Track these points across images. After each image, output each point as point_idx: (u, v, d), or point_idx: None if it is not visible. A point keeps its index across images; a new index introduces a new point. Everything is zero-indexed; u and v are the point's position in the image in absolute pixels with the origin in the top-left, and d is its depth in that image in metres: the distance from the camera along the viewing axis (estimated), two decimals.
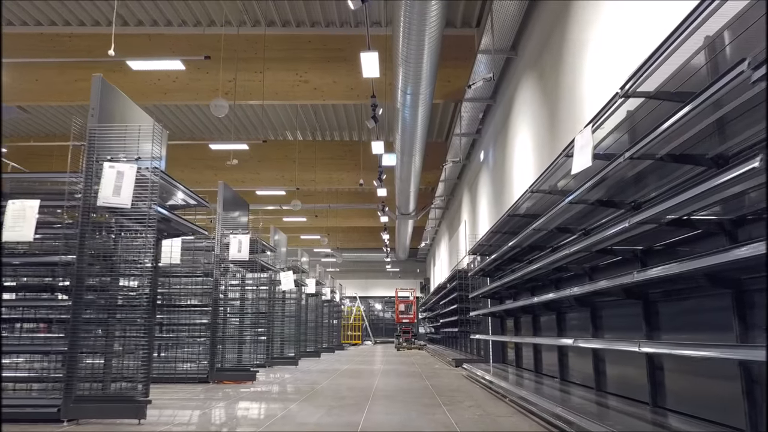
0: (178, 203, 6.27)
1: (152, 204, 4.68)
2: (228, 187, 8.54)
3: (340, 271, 34.51)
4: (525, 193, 5.69)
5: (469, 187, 14.98)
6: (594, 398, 4.65)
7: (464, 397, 6.18)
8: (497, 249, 8.16)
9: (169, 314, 8.46)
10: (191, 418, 4.64)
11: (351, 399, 6.02)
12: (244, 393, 6.58)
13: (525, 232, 5.88)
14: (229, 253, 8.10)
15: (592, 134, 3.65)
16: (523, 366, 8.32)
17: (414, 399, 6.02)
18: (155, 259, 6.01)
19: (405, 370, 10.32)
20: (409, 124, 11.08)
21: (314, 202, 21.65)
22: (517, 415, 4.87)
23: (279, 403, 5.72)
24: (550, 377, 6.65)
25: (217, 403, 5.59)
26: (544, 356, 7.19)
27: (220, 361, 8.17)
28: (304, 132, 17.67)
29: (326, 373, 9.67)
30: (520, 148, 8.98)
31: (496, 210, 10.89)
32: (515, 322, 8.57)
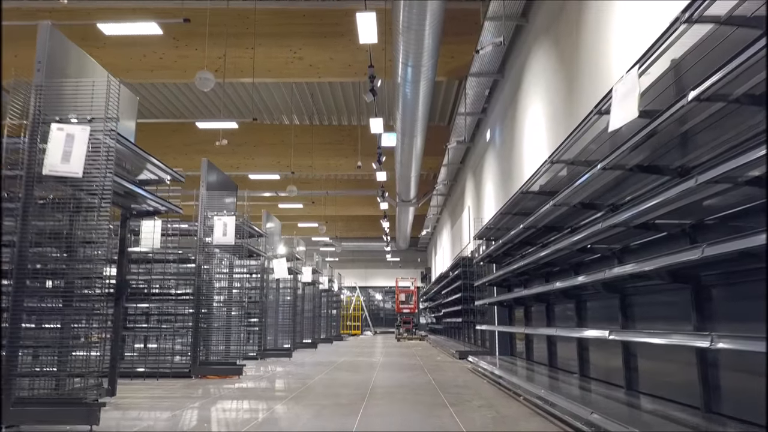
0: (150, 178, 5.57)
1: (108, 173, 3.97)
2: (213, 165, 7.83)
3: (339, 261, 33.84)
4: (543, 164, 4.98)
5: (473, 171, 14.26)
6: (630, 400, 3.97)
7: (472, 395, 5.50)
8: (506, 233, 7.47)
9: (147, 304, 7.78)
10: (155, 424, 3.96)
11: (345, 397, 5.34)
12: (227, 390, 5.91)
13: (541, 209, 5.17)
14: (213, 236, 7.40)
15: (639, 78, 2.93)
16: (534, 359, 7.64)
17: (416, 397, 5.35)
18: (123, 241, 5.34)
19: (406, 363, 9.66)
20: (410, 102, 10.35)
21: (311, 189, 20.94)
22: (536, 418, 4.19)
23: (263, 402, 5.04)
24: (567, 372, 5.97)
25: (192, 404, 4.91)
26: (560, 349, 6.50)
27: (204, 354, 7.51)
28: (300, 115, 16.93)
29: (321, 366, 9.01)
30: (531, 124, 8.26)
31: (503, 193, 10.18)
32: (526, 312, 7.89)
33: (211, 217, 7.48)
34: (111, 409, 4.57)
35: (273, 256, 10.91)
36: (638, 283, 4.27)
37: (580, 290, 5.46)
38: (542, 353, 7.11)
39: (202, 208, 7.49)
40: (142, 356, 7.93)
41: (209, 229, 7.47)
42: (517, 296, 6.92)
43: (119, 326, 5.21)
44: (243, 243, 7.56)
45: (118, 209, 5.42)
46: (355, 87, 14.41)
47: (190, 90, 14.32)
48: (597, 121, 4.04)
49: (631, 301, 4.50)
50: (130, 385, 6.17)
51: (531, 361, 7.71)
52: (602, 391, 4.48)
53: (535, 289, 5.86)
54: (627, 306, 4.52)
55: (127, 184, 4.67)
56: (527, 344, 7.86)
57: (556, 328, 4.92)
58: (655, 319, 4.15)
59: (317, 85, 14.31)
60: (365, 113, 16.51)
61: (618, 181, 4.35)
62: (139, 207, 5.39)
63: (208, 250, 7.48)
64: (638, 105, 2.87)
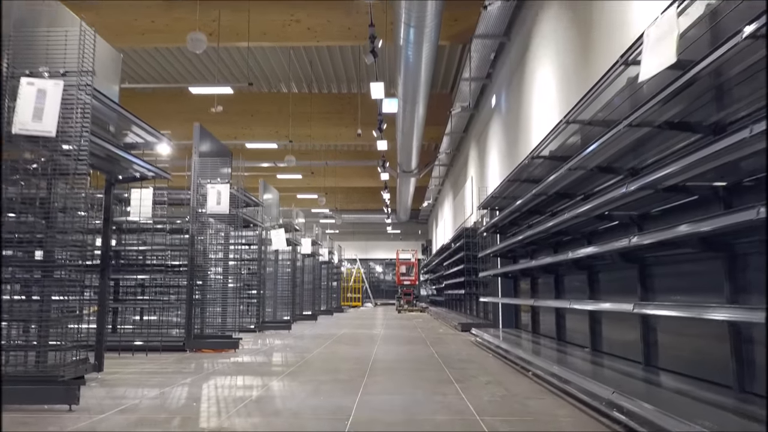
0: (136, 142, 5.23)
1: (84, 132, 3.63)
2: (206, 131, 7.46)
3: (339, 233, 33.60)
4: (558, 125, 4.63)
5: (477, 139, 13.87)
6: (651, 377, 3.69)
7: (477, 370, 5.25)
8: (512, 202, 7.15)
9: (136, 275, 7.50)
10: (141, 402, 3.69)
11: (344, 373, 5.08)
12: (221, 365, 5.65)
13: (554, 174, 4.84)
14: (207, 205, 7.08)
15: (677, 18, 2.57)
16: (540, 332, 7.39)
17: (419, 373, 5.09)
18: (107, 209, 5.02)
19: (407, 335, 9.44)
20: (413, 66, 9.92)
21: (311, 160, 20.55)
22: (549, 396, 3.92)
23: (258, 378, 4.79)
24: (577, 346, 5.71)
25: (183, 380, 4.65)
26: (569, 322, 6.24)
27: (199, 327, 7.25)
28: (298, 83, 16.45)
29: (320, 338, 8.78)
30: (540, 88, 7.86)
31: (509, 161, 9.82)
32: (532, 283, 7.61)
33: (204, 185, 7.14)
34: (96, 386, 4.31)
35: (271, 227, 10.61)
36: (660, 253, 3.97)
37: (593, 261, 5.16)
38: (549, 326, 6.85)
39: (195, 175, 7.15)
40: (136, 329, 7.68)
41: (203, 197, 7.15)
42: (524, 267, 6.63)
43: (105, 298, 4.93)
44: (238, 212, 7.24)
45: (102, 175, 5.09)
46: (354, 53, 13.92)
47: (184, 56, 13.85)
48: (621, 73, 3.67)
49: (651, 272, 4.19)
50: (121, 360, 5.92)
51: (537, 334, 7.46)
52: (618, 367, 4.21)
53: (544, 260, 5.56)
54: (646, 277, 4.22)
55: (108, 145, 4.33)
56: (533, 317, 7.60)
57: (569, 301, 4.63)
58: (677, 291, 3.86)
59: (315, 51, 13.82)
60: (365, 80, 16.01)
61: (638, 144, 4.02)
62: (124, 172, 5.06)
63: (202, 220, 7.17)
64: (677, 48, 2.51)
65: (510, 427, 3.06)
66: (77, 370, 4.26)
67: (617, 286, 4.90)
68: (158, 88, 16.11)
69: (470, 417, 3.27)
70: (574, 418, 3.23)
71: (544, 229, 5.37)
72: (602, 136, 3.78)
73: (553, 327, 6.55)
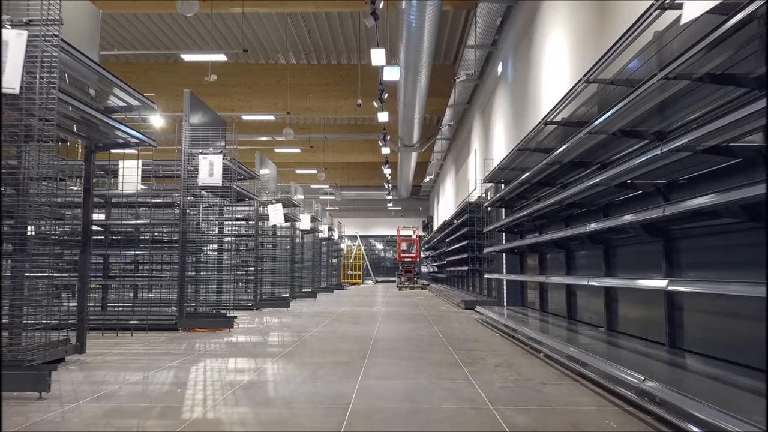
0: (116, 105, 4.84)
1: (50, 88, 3.24)
2: (198, 99, 7.05)
3: (339, 210, 33.24)
4: (577, 85, 4.22)
5: (481, 111, 13.42)
6: (680, 361, 3.36)
7: (485, 351, 4.93)
8: (520, 174, 6.77)
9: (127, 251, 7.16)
10: (120, 388, 3.37)
11: (344, 354, 4.76)
12: (213, 345, 5.34)
13: (567, 144, 4.45)
14: (199, 177, 6.71)
15: None
16: (548, 310, 7.08)
17: (423, 354, 4.77)
18: (87, 179, 4.66)
19: (409, 313, 9.14)
20: (415, 31, 9.45)
21: (309, 133, 20.09)
22: (566, 381, 3.60)
23: (252, 360, 4.47)
24: (590, 326, 5.39)
25: (171, 362, 4.33)
26: (581, 300, 5.91)
27: (194, 305, 6.94)
28: (297, 54, 15.94)
29: (319, 317, 8.48)
30: (551, 53, 7.42)
31: (516, 132, 9.41)
32: (540, 259, 7.27)
33: (195, 156, 6.76)
34: (76, 369, 4.00)
35: (268, 201, 10.25)
36: (687, 225, 3.61)
37: (611, 235, 4.81)
38: (559, 304, 6.53)
39: (186, 145, 6.76)
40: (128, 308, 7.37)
41: (194, 169, 6.77)
42: (533, 242, 6.27)
43: (86, 274, 4.59)
44: (232, 185, 6.86)
45: (82, 141, 4.72)
46: (354, 20, 13.40)
47: (177, 23, 13.32)
48: (649, 25, 3.27)
49: (678, 245, 3.84)
50: (108, 340, 5.61)
51: (545, 312, 7.14)
52: (640, 348, 3.88)
53: (558, 233, 5.20)
54: (673, 252, 3.87)
55: (84, 107, 3.95)
56: (541, 294, 7.28)
57: (587, 278, 4.28)
58: (707, 267, 3.51)
59: (314, 18, 13.29)
60: (366, 51, 15.49)
61: (665, 105, 3.63)
62: (105, 139, 4.68)
63: (194, 193, 6.80)
64: None
65: (529, 418, 2.74)
66: (54, 353, 3.95)
67: (636, 261, 4.56)
68: (150, 56, 15.57)
69: (482, 406, 2.95)
70: (599, 408, 2.90)
71: (558, 201, 5.00)
72: (628, 96, 3.39)
73: (564, 305, 6.23)
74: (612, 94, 4.27)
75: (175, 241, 6.78)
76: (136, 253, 7.30)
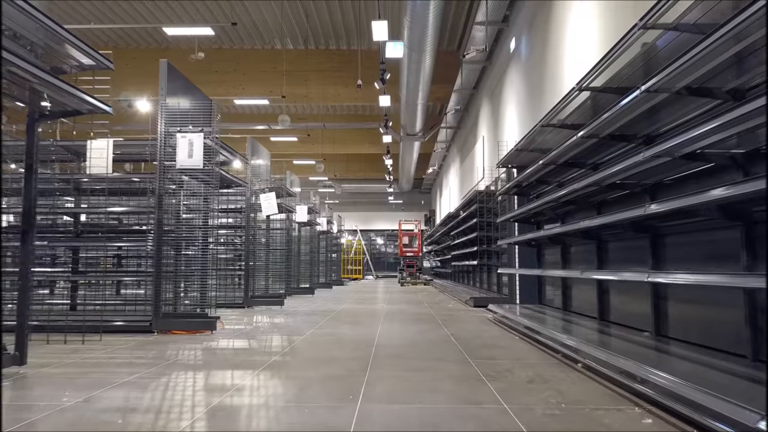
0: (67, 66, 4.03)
1: None
2: (175, 69, 6.23)
3: (339, 204, 32.42)
4: (630, 33, 3.39)
5: (490, 95, 12.58)
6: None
7: (509, 359, 4.13)
8: (539, 156, 5.98)
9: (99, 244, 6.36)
10: (48, 417, 2.57)
11: (341, 365, 3.97)
12: (188, 353, 4.54)
13: (620, 103, 3.63)
14: (177, 158, 5.90)
15: None
16: (573, 309, 6.27)
17: (436, 365, 3.97)
18: (30, 152, 3.86)
19: (414, 312, 8.34)
20: (421, 5, 8.65)
21: (307, 122, 19.27)
22: (625, 405, 2.80)
23: (228, 373, 3.67)
24: (629, 329, 4.59)
25: (129, 376, 3.53)
26: (615, 298, 5.10)
27: (173, 303, 6.14)
28: (294, 39, 15.12)
29: (315, 316, 7.68)
30: (574, 23, 6.59)
31: (531, 113, 8.59)
32: (563, 252, 6.46)
33: (173, 135, 5.94)
34: (7, 387, 3.19)
35: (260, 190, 9.43)
36: None
37: (660, 221, 4.01)
38: (587, 303, 5.73)
39: (162, 122, 5.95)
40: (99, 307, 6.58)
41: (172, 150, 5.96)
42: (557, 232, 5.46)
43: (28, 269, 3.78)
44: (213, 167, 6.03)
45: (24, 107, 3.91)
46: (354, 3, 12.56)
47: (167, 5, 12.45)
48: None
49: (760, 232, 3.03)
50: (71, 345, 4.80)
51: (568, 311, 6.34)
52: (721, 364, 3.07)
53: (593, 221, 4.38)
54: (755, 239, 3.06)
55: (19, 62, 3.14)
56: (564, 291, 6.47)
57: (647, 273, 3.45)
58: None
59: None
60: (366, 35, 14.67)
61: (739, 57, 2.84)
62: (52, 105, 3.87)
63: (171, 177, 5.99)
64: None
65: None
66: None
67: (699, 252, 3.75)
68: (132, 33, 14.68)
69: None
70: None
71: (596, 181, 4.19)
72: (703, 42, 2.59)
73: (594, 304, 5.42)
74: (667, 51, 3.46)
75: (148, 232, 5.98)
76: (109, 245, 6.49)
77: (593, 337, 4.34)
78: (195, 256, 6.11)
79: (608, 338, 4.26)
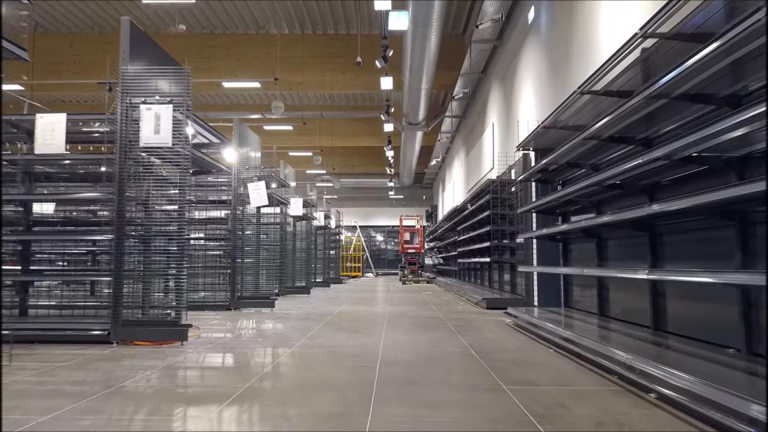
0: None
1: None
2: (139, 29, 5.25)
3: (338, 199, 31.40)
4: None
5: (501, 77, 11.59)
6: None
7: (557, 387, 3.17)
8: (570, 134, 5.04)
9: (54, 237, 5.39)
10: None
11: (334, 397, 3.00)
12: (141, 374, 3.57)
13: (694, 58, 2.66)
14: (141, 134, 4.92)
15: None
16: (611, 314, 5.31)
17: (462, 397, 3.01)
18: None
19: (420, 316, 7.38)
20: None
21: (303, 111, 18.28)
22: None
23: (181, 410, 2.71)
24: (702, 343, 3.62)
25: (46, 413, 2.56)
26: (676, 304, 4.13)
27: (140, 306, 5.17)
28: (290, 23, 14.13)
29: (309, 320, 6.71)
30: None
31: (553, 90, 7.62)
32: (599, 247, 5.49)
33: (137, 107, 4.97)
34: None
35: (248, 179, 8.46)
36: None
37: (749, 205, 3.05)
38: (633, 308, 4.77)
39: (122, 92, 4.97)
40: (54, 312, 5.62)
41: (137, 125, 4.98)
42: (600, 222, 4.49)
43: None
44: (187, 147, 5.04)
45: None
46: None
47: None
48: None
49: None
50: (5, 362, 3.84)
51: (606, 316, 5.38)
52: None
53: (654, 207, 3.40)
54: None
55: None
56: (601, 293, 5.50)
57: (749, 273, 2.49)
58: None
59: None
60: (366, 18, 13.69)
61: None
62: None
63: (133, 157, 5.01)
64: None
65: None
66: None
67: None
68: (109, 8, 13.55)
69: None
70: None
71: (669, 153, 3.21)
72: None
73: (645, 310, 4.45)
74: None
75: (105, 223, 5.00)
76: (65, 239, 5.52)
77: (661, 354, 3.38)
78: (165, 253, 5.14)
79: (680, 356, 3.30)
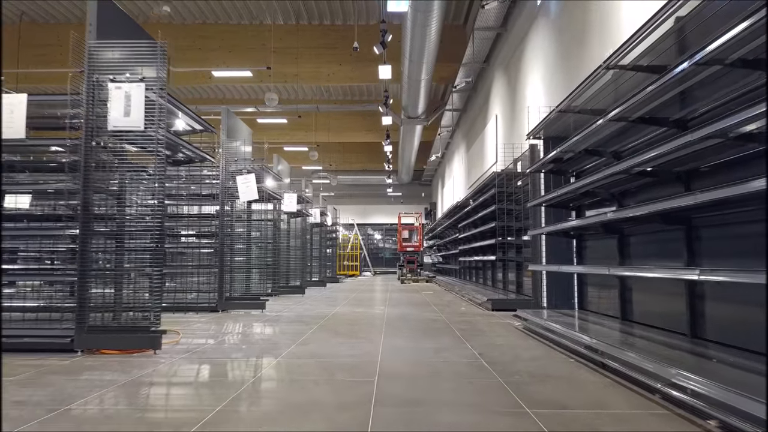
0: None
1: None
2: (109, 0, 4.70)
3: (335, 196, 30.87)
4: None
5: (505, 66, 11.05)
6: None
7: (589, 409, 2.64)
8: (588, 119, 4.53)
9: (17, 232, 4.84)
10: None
11: (323, 421, 2.46)
12: (97, 393, 3.03)
13: None
14: (109, 117, 4.38)
15: None
16: (635, 319, 4.78)
17: (479, 422, 2.47)
18: None
19: (422, 318, 6.84)
20: None
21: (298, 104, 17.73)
22: None
23: None
24: (746, 352, 3.10)
25: None
26: (716, 308, 3.60)
27: (113, 307, 4.63)
28: (285, 14, 13.60)
29: (301, 323, 6.18)
30: None
31: (564, 76, 7.09)
32: (620, 244, 4.96)
33: (104, 85, 4.42)
34: None
35: (237, 171, 7.92)
36: None
37: None
38: (665, 312, 4.24)
39: (87, 68, 4.42)
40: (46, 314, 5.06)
41: (104, 105, 4.44)
42: (630, 215, 3.95)
43: None
44: (159, 130, 4.48)
45: None
46: None
47: None
48: None
49: None
50: None
51: (629, 321, 4.85)
52: None
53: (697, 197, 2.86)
54: None
55: None
56: (623, 294, 4.97)
57: None
58: None
59: None
60: (363, 9, 13.15)
61: None
62: None
63: (101, 142, 4.46)
64: None
65: None
66: None
67: None
68: None
69: None
70: None
71: (719, 131, 2.68)
72: None
73: (679, 314, 3.92)
74: None
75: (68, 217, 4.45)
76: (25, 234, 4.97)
77: (708, 367, 2.85)
78: (138, 250, 4.59)
79: (738, 372, 2.77)
